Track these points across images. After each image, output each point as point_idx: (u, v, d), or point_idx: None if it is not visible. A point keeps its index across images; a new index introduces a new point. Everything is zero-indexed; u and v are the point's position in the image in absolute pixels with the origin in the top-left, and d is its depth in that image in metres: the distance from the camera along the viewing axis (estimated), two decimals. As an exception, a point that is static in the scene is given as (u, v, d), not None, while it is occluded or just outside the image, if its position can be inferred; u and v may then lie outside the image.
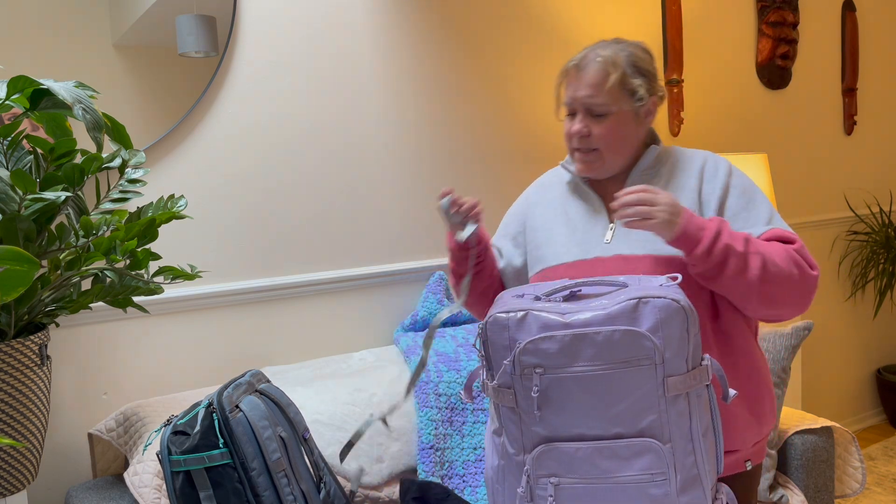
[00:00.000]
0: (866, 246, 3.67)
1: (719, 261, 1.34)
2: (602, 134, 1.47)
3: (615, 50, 1.47)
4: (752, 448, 1.47)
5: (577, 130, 1.48)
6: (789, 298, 1.39)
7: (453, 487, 1.85)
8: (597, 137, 1.47)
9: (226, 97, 2.00)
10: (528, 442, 1.19)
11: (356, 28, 2.20)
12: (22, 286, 1.17)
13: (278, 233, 2.09)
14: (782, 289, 1.37)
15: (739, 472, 1.46)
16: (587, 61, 1.47)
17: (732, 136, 3.15)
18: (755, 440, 1.47)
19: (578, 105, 1.48)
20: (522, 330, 1.18)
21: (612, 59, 1.46)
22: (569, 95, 1.49)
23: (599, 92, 1.45)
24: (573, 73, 1.49)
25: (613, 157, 1.49)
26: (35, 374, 1.41)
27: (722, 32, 3.11)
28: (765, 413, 1.48)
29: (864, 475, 2.05)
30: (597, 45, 1.50)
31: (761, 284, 1.35)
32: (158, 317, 1.93)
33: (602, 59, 1.46)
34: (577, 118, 1.48)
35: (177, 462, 1.34)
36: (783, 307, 1.40)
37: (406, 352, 2.04)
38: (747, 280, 1.35)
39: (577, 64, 1.48)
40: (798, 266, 1.38)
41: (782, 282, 1.37)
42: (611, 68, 1.45)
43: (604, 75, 1.45)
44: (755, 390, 1.46)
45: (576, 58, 1.50)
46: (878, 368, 3.85)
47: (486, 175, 2.47)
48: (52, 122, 1.49)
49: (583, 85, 1.46)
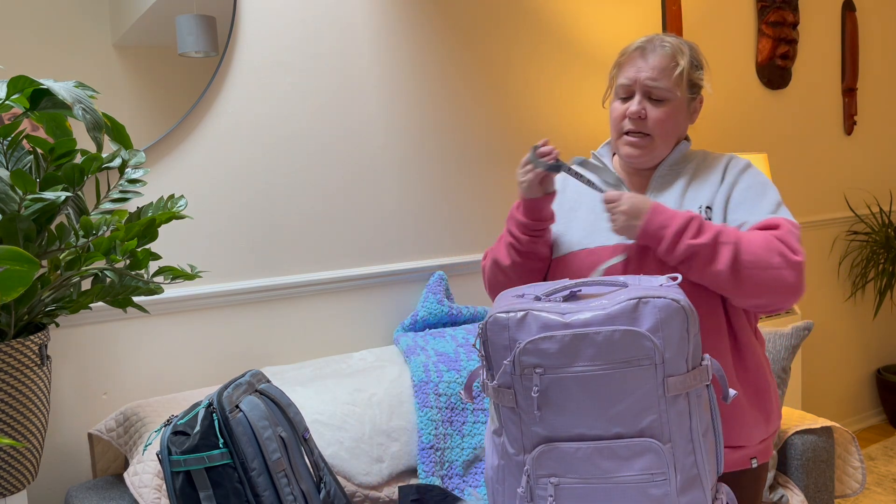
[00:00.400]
0: (866, 246, 3.67)
1: (684, 257, 1.37)
2: (658, 119, 1.47)
3: (679, 40, 1.49)
4: (758, 445, 1.48)
5: (635, 111, 1.47)
6: (773, 286, 1.37)
7: (453, 488, 1.85)
8: (652, 122, 1.48)
9: (226, 97, 2.00)
10: (528, 442, 1.19)
11: (356, 28, 2.20)
12: (22, 286, 1.17)
13: (278, 233, 2.09)
14: (761, 277, 1.36)
15: (745, 469, 1.47)
16: (653, 46, 1.48)
17: (732, 136, 3.15)
18: (762, 437, 1.48)
19: (639, 86, 1.48)
20: (522, 330, 1.18)
21: (679, 48, 1.47)
22: (628, 76, 1.49)
23: (664, 76, 1.46)
24: (637, 56, 1.49)
25: (662, 145, 1.51)
26: (35, 374, 1.41)
27: (722, 32, 3.11)
28: (772, 410, 1.50)
29: (864, 475, 2.05)
30: (654, 35, 1.51)
31: (734, 274, 1.36)
32: (158, 317, 1.93)
33: (670, 45, 1.47)
34: (635, 100, 1.48)
35: (177, 462, 1.34)
36: (769, 295, 1.38)
37: (406, 352, 2.04)
38: (716, 271, 1.36)
39: (641, 47, 1.48)
40: (780, 253, 1.37)
41: (760, 270, 1.36)
42: (679, 56, 1.47)
43: (671, 61, 1.46)
44: (762, 386, 1.48)
45: (636, 43, 1.50)
46: (878, 368, 3.85)
47: (487, 174, 2.47)
48: (52, 122, 1.49)
49: (648, 67, 1.46)
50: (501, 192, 2.50)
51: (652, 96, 1.47)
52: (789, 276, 1.37)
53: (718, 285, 1.39)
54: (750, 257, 1.36)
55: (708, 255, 1.36)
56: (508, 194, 2.52)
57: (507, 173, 2.51)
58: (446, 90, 2.38)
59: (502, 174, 2.50)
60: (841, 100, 3.59)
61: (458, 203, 2.41)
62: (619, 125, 1.52)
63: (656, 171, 1.54)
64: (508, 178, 2.52)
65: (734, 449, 1.45)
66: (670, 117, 1.48)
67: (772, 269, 1.36)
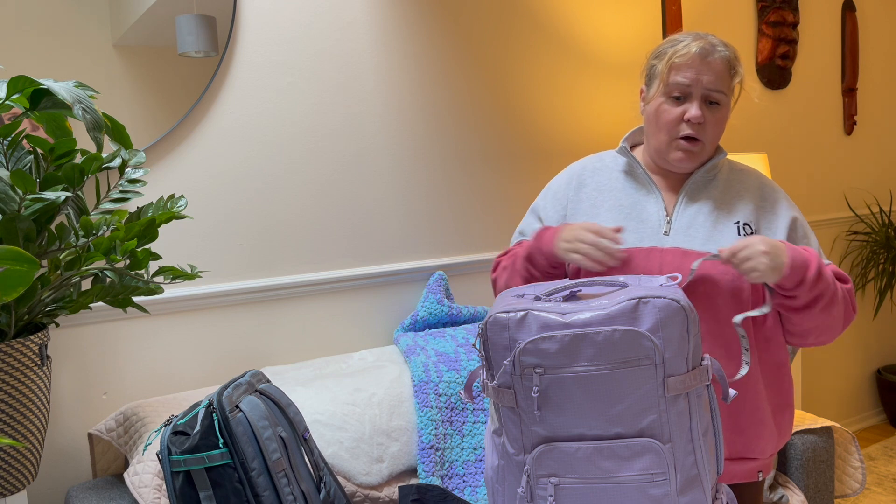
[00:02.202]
0: (866, 246, 3.67)
1: (817, 294, 1.37)
2: (714, 125, 1.46)
3: (728, 45, 1.47)
4: (767, 459, 1.49)
5: (696, 115, 1.42)
6: (832, 335, 1.45)
7: (453, 488, 1.85)
8: (709, 126, 1.45)
9: (226, 97, 2.00)
10: (528, 442, 1.19)
11: (356, 28, 2.20)
12: (22, 286, 1.17)
13: (278, 233, 2.09)
14: (834, 326, 1.43)
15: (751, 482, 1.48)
16: (713, 49, 1.44)
17: (732, 136, 3.15)
18: (772, 451, 1.49)
19: (699, 89, 1.43)
20: (522, 330, 1.18)
21: (735, 54, 1.47)
22: (687, 76, 1.43)
23: (723, 82, 1.44)
24: (696, 59, 1.43)
25: (710, 150, 1.49)
26: (35, 374, 1.41)
27: (722, 32, 3.11)
28: (786, 426, 1.51)
29: (864, 475, 2.05)
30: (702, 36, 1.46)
31: (828, 320, 1.41)
32: (158, 317, 1.93)
33: (727, 50, 1.45)
34: (694, 104, 1.43)
35: (177, 462, 1.34)
36: (821, 340, 1.46)
37: (406, 352, 2.04)
38: (831, 314, 1.40)
39: (700, 52, 1.43)
40: (846, 309, 1.44)
41: (838, 321, 1.42)
42: (735, 62, 1.46)
43: (730, 68, 1.45)
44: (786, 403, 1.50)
45: (691, 43, 1.44)
46: (878, 368, 3.85)
47: (487, 174, 2.47)
48: (52, 122, 1.48)
49: (710, 71, 1.43)
50: (501, 193, 2.50)
51: (710, 100, 1.44)
52: (843, 329, 1.46)
53: (818, 325, 1.42)
54: (838, 309, 1.41)
55: (829, 299, 1.38)
56: (508, 194, 2.52)
57: (507, 173, 2.51)
58: (446, 90, 2.38)
59: (502, 174, 2.50)
60: (841, 100, 3.59)
61: (458, 203, 2.41)
62: (675, 128, 1.45)
63: (693, 175, 1.50)
64: (508, 178, 2.52)
65: (745, 461, 1.45)
66: (721, 123, 1.46)
67: (841, 323, 1.44)
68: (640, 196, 1.51)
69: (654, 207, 1.49)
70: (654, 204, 1.50)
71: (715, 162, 1.51)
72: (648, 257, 1.45)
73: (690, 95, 1.43)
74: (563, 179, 1.62)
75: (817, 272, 1.36)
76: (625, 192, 1.53)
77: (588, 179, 1.59)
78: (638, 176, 1.54)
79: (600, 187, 1.56)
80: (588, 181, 1.58)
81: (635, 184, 1.53)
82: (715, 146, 1.50)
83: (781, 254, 1.33)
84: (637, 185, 1.53)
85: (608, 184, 1.55)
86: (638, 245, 1.47)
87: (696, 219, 1.46)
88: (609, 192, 1.54)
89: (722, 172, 1.53)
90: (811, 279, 1.35)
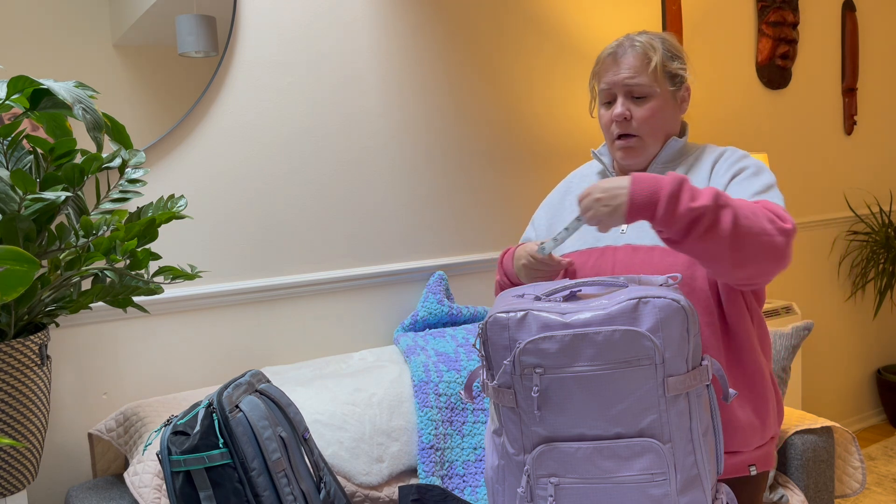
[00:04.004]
0: (866, 246, 3.67)
1: (686, 223, 1.24)
2: (644, 117, 1.47)
3: (649, 37, 1.50)
4: (755, 451, 1.46)
5: (618, 113, 1.47)
6: (766, 253, 1.28)
7: (453, 488, 1.85)
8: (638, 121, 1.47)
9: (226, 97, 2.00)
10: (528, 442, 1.19)
11: (356, 28, 2.20)
12: (22, 286, 1.17)
13: (278, 233, 2.09)
14: (757, 242, 1.27)
15: (743, 476, 1.45)
16: (624, 48, 1.48)
17: (732, 136, 3.15)
18: (758, 443, 1.45)
19: (619, 88, 1.48)
20: (522, 330, 1.18)
21: (651, 43, 1.48)
22: (607, 81, 1.49)
23: (641, 73, 1.46)
24: (610, 62, 1.49)
25: (653, 142, 1.50)
26: (35, 374, 1.41)
27: (722, 32, 3.11)
28: (768, 414, 1.46)
29: (864, 475, 2.05)
30: (625, 37, 1.52)
31: (735, 239, 1.25)
32: (158, 317, 1.93)
33: (640, 43, 1.48)
34: (618, 102, 1.48)
35: (177, 462, 1.34)
36: (762, 263, 1.28)
37: (406, 352, 2.04)
38: (719, 237, 1.24)
39: (613, 52, 1.49)
40: (770, 220, 1.29)
41: (755, 235, 1.26)
42: (650, 51, 1.47)
43: (645, 58, 1.47)
44: (759, 390, 1.45)
45: (608, 49, 1.51)
46: (878, 368, 3.85)
47: (488, 174, 2.47)
48: (52, 122, 1.49)
49: (623, 68, 1.47)
50: (501, 193, 2.50)
51: (634, 95, 1.47)
52: (780, 242, 1.28)
53: (715, 254, 1.26)
54: (746, 221, 1.25)
55: (711, 219, 1.23)
56: (508, 194, 2.52)
57: (507, 173, 2.51)
58: (446, 90, 2.38)
59: (502, 174, 2.50)
60: (841, 100, 3.59)
61: (458, 203, 2.41)
62: (609, 131, 1.52)
63: (648, 170, 1.53)
64: (509, 178, 2.52)
65: (729, 455, 1.43)
66: (655, 113, 1.48)
67: (765, 235, 1.26)
68: None
69: None
70: None
71: (670, 152, 1.51)
72: (602, 257, 1.50)
73: (615, 96, 1.49)
74: (558, 188, 1.70)
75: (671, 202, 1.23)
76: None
77: (574, 187, 1.66)
78: (607, 178, 1.59)
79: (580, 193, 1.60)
80: (573, 188, 1.66)
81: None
82: (660, 136, 1.51)
83: (619, 195, 1.25)
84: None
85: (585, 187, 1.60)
86: (594, 245, 1.53)
87: None
88: None
89: (689, 159, 1.54)
90: (663, 212, 1.23)
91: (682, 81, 1.51)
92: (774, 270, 1.30)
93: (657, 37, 1.51)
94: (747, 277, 1.31)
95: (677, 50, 1.52)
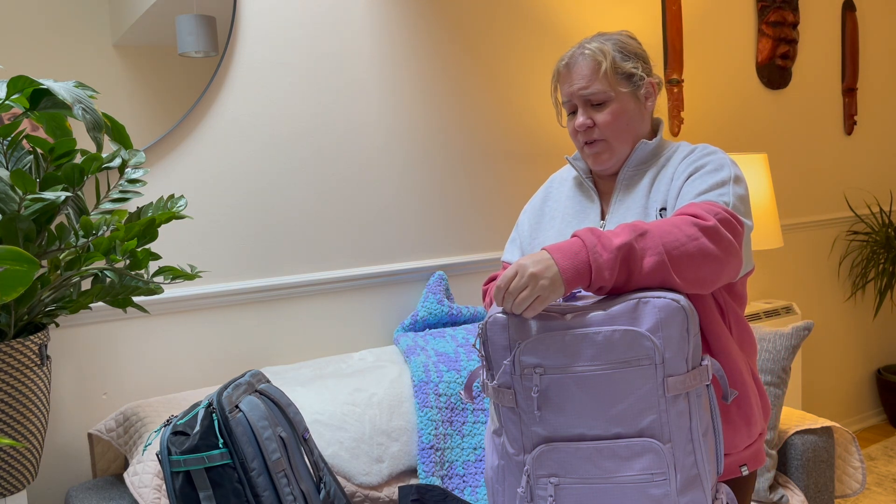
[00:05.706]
0: (866, 246, 3.67)
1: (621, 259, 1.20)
2: (606, 122, 1.47)
3: (600, 41, 1.49)
4: (744, 451, 1.45)
5: (580, 123, 1.48)
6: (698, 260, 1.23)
7: (453, 488, 1.85)
8: (601, 126, 1.47)
9: (226, 97, 2.00)
10: (528, 442, 1.19)
11: (356, 28, 2.20)
12: (22, 286, 1.17)
13: (278, 233, 2.09)
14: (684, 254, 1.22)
15: (735, 477, 1.44)
16: (575, 58, 1.49)
17: (732, 136, 3.15)
18: (746, 443, 1.44)
19: (577, 98, 1.48)
20: (522, 330, 1.18)
21: (600, 49, 1.47)
22: (565, 93, 1.50)
23: (594, 80, 1.46)
24: (564, 73, 1.50)
25: (621, 144, 1.49)
26: (35, 374, 1.41)
27: (722, 32, 3.11)
28: (752, 413, 1.44)
29: (864, 475, 2.05)
30: (578, 44, 1.52)
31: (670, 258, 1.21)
32: (158, 317, 1.93)
33: (590, 50, 1.47)
34: (579, 112, 1.49)
35: (176, 462, 1.34)
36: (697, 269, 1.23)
37: (406, 352, 2.04)
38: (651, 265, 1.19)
39: (566, 63, 1.50)
40: (693, 224, 1.24)
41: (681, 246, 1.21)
42: (600, 56, 1.47)
43: (595, 64, 1.46)
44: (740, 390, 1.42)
45: (563, 58, 1.51)
46: (878, 368, 3.85)
47: (487, 174, 2.47)
48: (52, 122, 1.49)
49: (576, 78, 1.47)
50: (501, 193, 2.50)
51: (592, 102, 1.47)
52: (705, 242, 1.23)
53: (665, 279, 1.22)
54: (669, 237, 1.21)
55: (642, 248, 1.20)
56: (508, 194, 2.52)
57: (507, 173, 2.51)
58: (446, 90, 2.38)
59: (502, 174, 2.50)
60: (841, 100, 3.59)
61: (458, 203, 2.41)
62: (577, 139, 1.52)
63: (619, 174, 1.51)
64: (508, 178, 2.52)
65: None
66: (617, 117, 1.47)
67: (691, 242, 1.21)
68: (585, 203, 1.55)
69: (593, 213, 1.52)
70: (594, 210, 1.53)
71: (641, 154, 1.50)
72: None
73: (576, 106, 1.49)
74: (538, 193, 1.69)
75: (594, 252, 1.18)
76: (572, 201, 1.58)
77: (553, 192, 1.65)
78: (582, 184, 1.58)
79: (559, 198, 1.61)
80: (553, 193, 1.64)
81: (581, 192, 1.57)
82: (628, 138, 1.49)
83: (548, 264, 1.18)
84: (582, 192, 1.57)
85: (563, 194, 1.61)
86: None
87: (626, 217, 1.47)
88: (561, 202, 1.60)
89: (662, 158, 1.52)
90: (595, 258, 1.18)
91: (641, 80, 1.49)
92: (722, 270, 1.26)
93: (610, 39, 1.49)
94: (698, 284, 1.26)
95: (632, 49, 1.50)
